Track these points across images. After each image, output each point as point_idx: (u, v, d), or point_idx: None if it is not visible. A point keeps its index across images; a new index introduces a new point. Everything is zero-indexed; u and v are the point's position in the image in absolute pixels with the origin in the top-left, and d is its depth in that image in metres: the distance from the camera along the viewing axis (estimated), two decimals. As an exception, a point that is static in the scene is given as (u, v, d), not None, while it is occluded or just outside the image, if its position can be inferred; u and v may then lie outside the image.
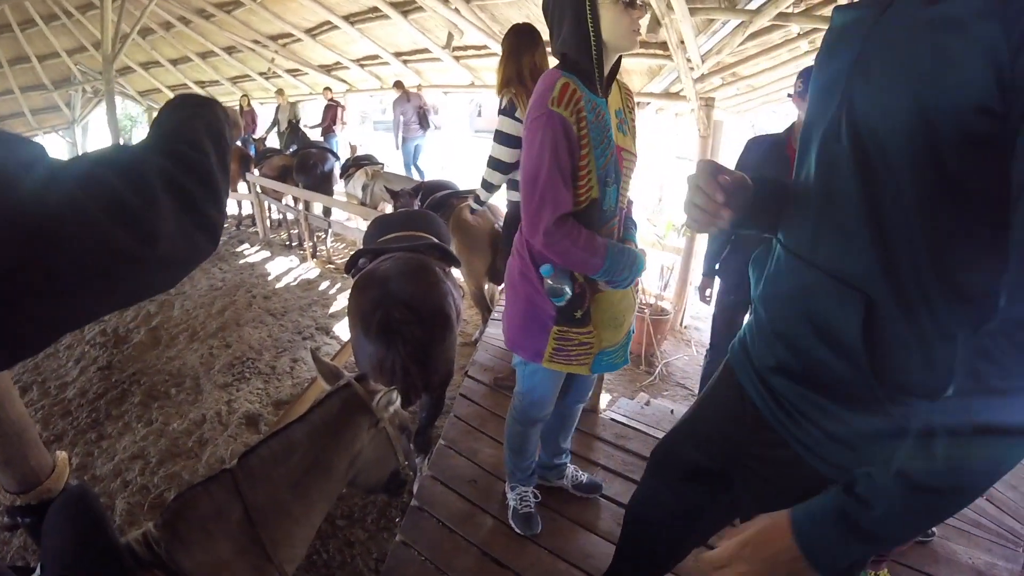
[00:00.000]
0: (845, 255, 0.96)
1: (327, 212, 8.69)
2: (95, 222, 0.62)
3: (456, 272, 3.78)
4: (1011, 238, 0.74)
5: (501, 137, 3.04)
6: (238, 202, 10.98)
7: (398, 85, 9.85)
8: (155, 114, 0.90)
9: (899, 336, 0.90)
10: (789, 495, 1.02)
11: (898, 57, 0.85)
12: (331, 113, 10.96)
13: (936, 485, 0.73)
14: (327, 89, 11.05)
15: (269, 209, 9.84)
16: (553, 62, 1.95)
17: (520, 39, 3.06)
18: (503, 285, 5.15)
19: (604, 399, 3.87)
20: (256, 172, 9.39)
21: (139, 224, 0.67)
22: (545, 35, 3.09)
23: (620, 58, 1.86)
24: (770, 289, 1.16)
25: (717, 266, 3.27)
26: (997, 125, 0.74)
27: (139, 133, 23.52)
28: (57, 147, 18.16)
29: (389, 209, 5.93)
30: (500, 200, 5.20)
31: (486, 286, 4.88)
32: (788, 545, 0.82)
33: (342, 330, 6.20)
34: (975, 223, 0.82)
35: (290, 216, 9.41)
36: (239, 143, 12.18)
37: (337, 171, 8.95)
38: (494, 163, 3.13)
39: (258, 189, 9.31)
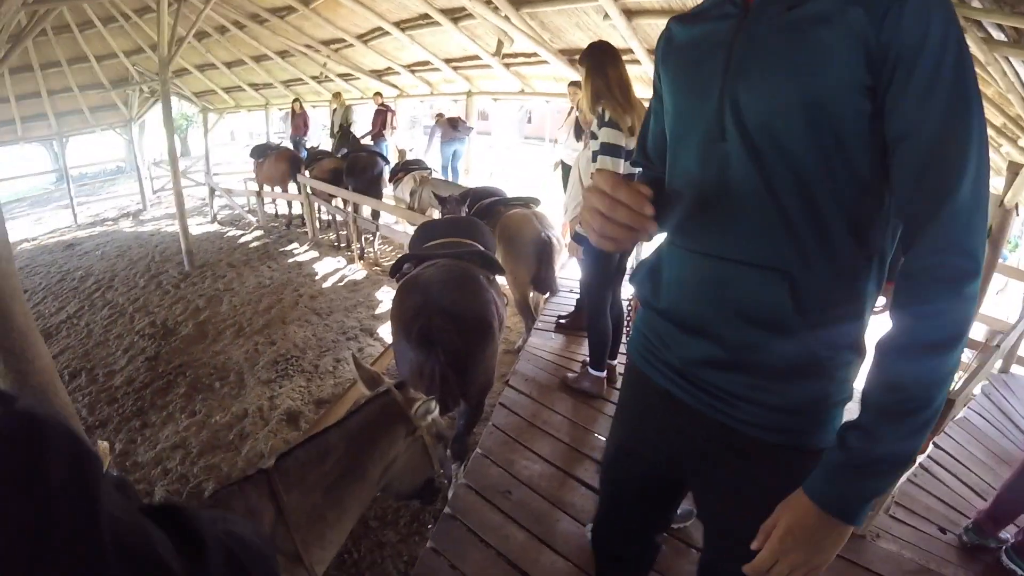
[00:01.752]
0: (758, 242, 1.00)
1: (375, 215, 8.79)
2: None
3: (501, 280, 3.76)
4: (896, 181, 0.90)
5: (608, 148, 2.99)
6: (288, 202, 11.20)
7: (441, 118, 10.47)
8: None
9: (824, 295, 0.99)
10: (748, 475, 1.12)
11: (778, 58, 0.94)
12: (381, 118, 11.12)
13: (911, 406, 0.85)
14: (377, 94, 11.21)
15: (319, 210, 10.01)
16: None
17: (602, 56, 3.06)
18: (548, 294, 5.14)
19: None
20: (307, 174, 9.57)
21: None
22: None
23: None
24: (677, 292, 1.16)
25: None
26: (873, 98, 0.88)
27: (194, 133, 24.17)
28: (114, 143, 18.85)
29: (436, 215, 5.97)
30: (545, 208, 5.20)
31: (531, 295, 4.86)
32: (821, 517, 0.91)
33: (386, 332, 6.25)
34: (869, 184, 0.94)
35: (339, 218, 9.57)
36: (291, 145, 12.43)
37: (386, 175, 9.07)
38: None
39: (308, 190, 9.49)
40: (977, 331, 5.29)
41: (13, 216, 15.59)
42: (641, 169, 1.40)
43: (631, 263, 4.04)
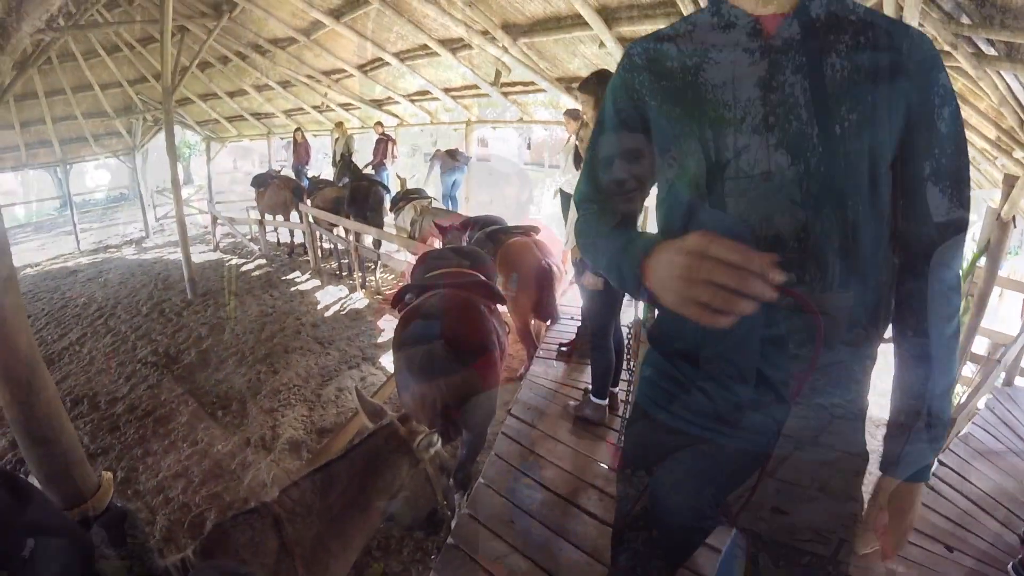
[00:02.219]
0: (818, 287, 1.01)
1: (377, 243, 8.82)
2: None
3: (502, 308, 3.78)
4: (911, 217, 1.05)
5: None
6: (290, 231, 11.26)
7: (439, 152, 10.51)
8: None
9: (869, 323, 1.07)
10: (817, 477, 1.17)
11: (859, 107, 0.97)
12: (382, 147, 11.23)
13: (951, 372, 1.07)
14: (378, 123, 11.34)
15: (320, 239, 10.05)
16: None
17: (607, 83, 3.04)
18: (549, 322, 5.15)
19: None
20: (309, 203, 9.63)
21: None
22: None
23: None
24: (721, 344, 1.09)
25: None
26: (899, 146, 1.02)
27: (196, 161, 24.39)
28: (118, 171, 18.99)
29: (437, 244, 6.00)
30: (546, 236, 5.23)
31: (532, 322, 4.87)
32: (919, 490, 1.11)
33: (388, 361, 6.23)
34: (889, 218, 1.05)
35: (340, 247, 9.60)
36: (293, 173, 12.53)
37: (387, 204, 9.12)
38: None
39: (310, 219, 9.54)
40: (979, 345, 5.29)
41: (17, 242, 15.67)
42: (588, 209, 1.25)
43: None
